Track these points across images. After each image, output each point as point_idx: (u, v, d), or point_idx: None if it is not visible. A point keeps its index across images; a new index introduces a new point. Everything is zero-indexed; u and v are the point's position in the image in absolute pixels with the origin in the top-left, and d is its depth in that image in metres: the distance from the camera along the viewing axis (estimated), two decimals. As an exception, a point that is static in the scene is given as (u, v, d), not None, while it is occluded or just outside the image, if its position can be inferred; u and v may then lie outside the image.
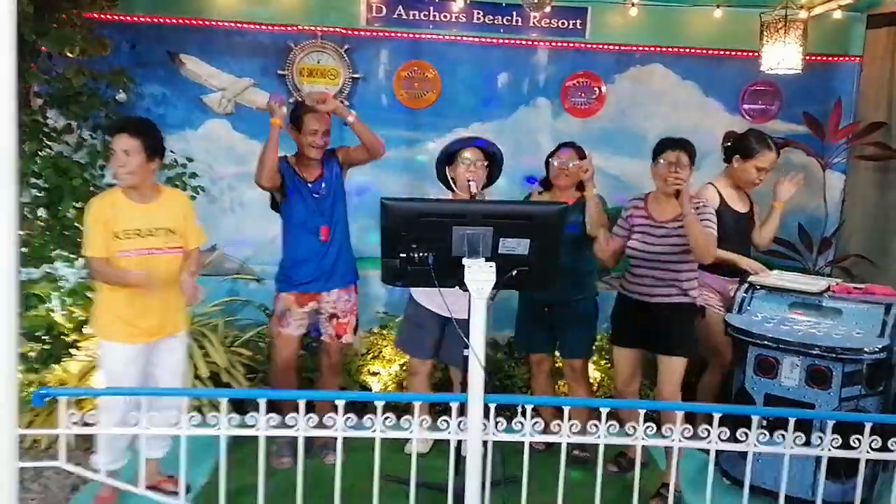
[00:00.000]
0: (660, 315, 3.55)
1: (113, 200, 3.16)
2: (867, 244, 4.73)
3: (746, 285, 3.82)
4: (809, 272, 4.54)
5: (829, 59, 4.82)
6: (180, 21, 4.63)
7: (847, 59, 4.89)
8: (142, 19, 4.60)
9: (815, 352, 3.43)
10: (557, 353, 4.05)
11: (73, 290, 4.17)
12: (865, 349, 3.37)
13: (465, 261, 2.39)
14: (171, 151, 4.41)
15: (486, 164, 3.72)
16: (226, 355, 4.13)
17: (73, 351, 4.09)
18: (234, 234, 4.77)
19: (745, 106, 4.98)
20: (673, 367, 3.53)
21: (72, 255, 4.05)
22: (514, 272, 2.48)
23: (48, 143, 4.12)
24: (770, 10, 4.07)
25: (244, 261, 4.82)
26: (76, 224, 3.98)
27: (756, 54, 4.69)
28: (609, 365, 4.60)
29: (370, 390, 4.55)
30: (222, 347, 4.17)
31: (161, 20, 4.62)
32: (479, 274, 2.28)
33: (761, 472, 3.52)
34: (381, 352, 4.66)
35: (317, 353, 4.52)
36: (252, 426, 2.44)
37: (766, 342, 3.55)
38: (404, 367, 4.55)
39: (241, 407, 2.69)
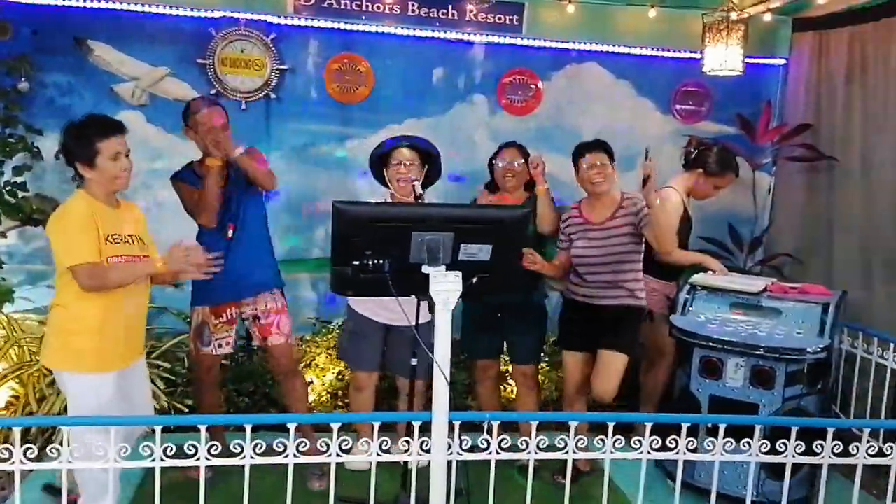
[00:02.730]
0: (606, 317, 3.52)
1: (91, 204, 2.77)
2: (795, 244, 4.83)
3: (688, 286, 3.81)
4: (743, 271, 4.59)
5: (757, 61, 4.88)
6: (88, 5, 4.24)
7: (773, 59, 4.98)
8: (45, 1, 4.19)
9: (758, 352, 3.45)
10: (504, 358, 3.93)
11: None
12: (808, 349, 3.40)
13: (425, 268, 2.23)
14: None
15: (422, 164, 3.55)
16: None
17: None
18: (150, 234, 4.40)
19: (677, 106, 5.00)
20: (612, 361, 3.51)
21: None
22: (475, 279, 2.35)
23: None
24: (709, 12, 4.08)
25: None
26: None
27: (688, 55, 4.75)
28: (549, 368, 4.53)
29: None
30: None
31: (67, 3, 4.21)
32: (445, 283, 2.12)
33: (703, 473, 3.53)
34: (313, 360, 4.42)
35: (242, 363, 4.29)
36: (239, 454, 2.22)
37: (710, 343, 3.55)
38: (339, 377, 4.34)
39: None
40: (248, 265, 3.49)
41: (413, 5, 4.55)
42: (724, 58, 3.88)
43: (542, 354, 4.03)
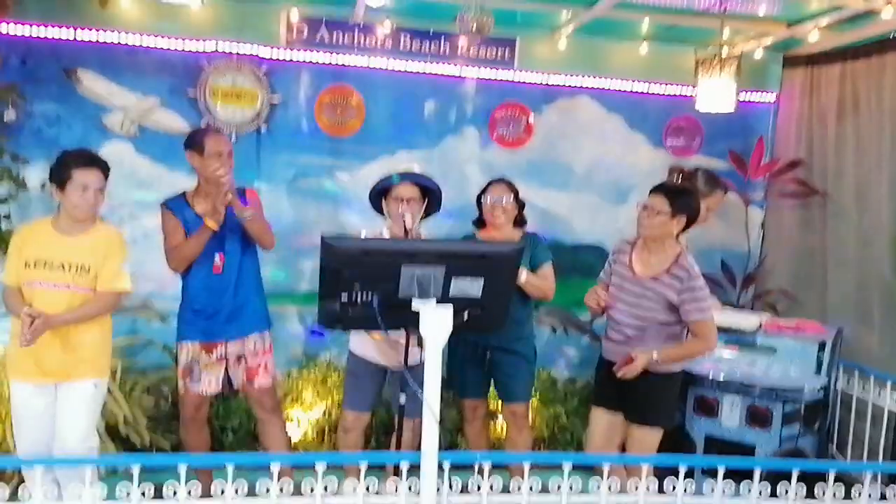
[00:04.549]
0: (637, 384, 3.10)
1: (37, 229, 3.06)
2: (789, 279, 4.79)
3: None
4: (736, 307, 4.54)
5: (748, 97, 4.89)
6: (77, 36, 4.20)
7: (763, 94, 4.99)
8: (34, 33, 4.15)
9: (755, 392, 3.39)
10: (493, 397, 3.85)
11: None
12: (805, 388, 3.36)
13: (415, 303, 2.16)
14: (67, 176, 4.00)
15: (422, 198, 3.49)
16: (126, 404, 3.70)
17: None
18: (135, 266, 4.20)
19: (669, 141, 5.00)
20: (643, 438, 3.17)
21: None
22: (466, 315, 2.29)
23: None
24: (701, 48, 4.08)
25: (146, 297, 4.37)
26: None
27: (680, 91, 4.76)
28: (540, 405, 4.45)
29: (289, 439, 4.20)
30: (122, 395, 3.74)
31: (56, 35, 4.17)
32: (436, 318, 2.06)
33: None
34: (300, 395, 4.32)
35: (227, 398, 4.18)
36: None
37: (706, 382, 3.49)
38: (326, 413, 4.24)
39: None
40: (241, 303, 3.43)
41: (405, 39, 4.55)
42: (716, 94, 3.86)
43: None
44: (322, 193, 4.62)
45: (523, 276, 3.38)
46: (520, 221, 3.67)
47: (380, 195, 3.51)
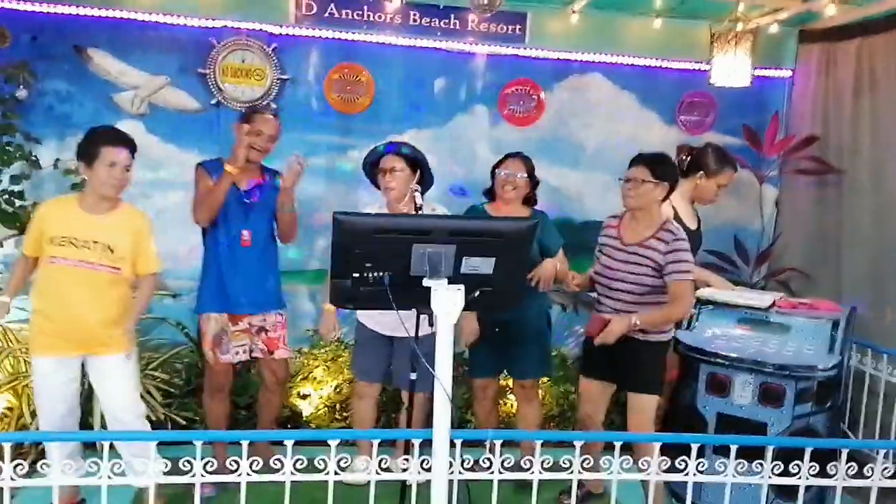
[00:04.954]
0: (627, 350, 3.21)
1: (62, 205, 3.08)
2: (803, 258, 4.76)
3: (695, 301, 3.74)
4: (749, 286, 4.51)
5: (762, 72, 4.83)
6: (87, 13, 4.20)
7: (779, 70, 4.92)
8: (45, 9, 4.14)
9: (767, 369, 3.37)
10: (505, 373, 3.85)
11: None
12: (819, 366, 3.33)
13: (426, 281, 2.16)
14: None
15: (412, 170, 3.49)
16: (141, 380, 3.73)
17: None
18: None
19: (682, 117, 4.95)
20: (641, 405, 3.28)
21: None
22: (477, 293, 2.28)
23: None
24: (716, 23, 4.02)
25: (159, 274, 4.38)
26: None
27: (693, 66, 4.70)
28: (551, 384, 4.45)
29: (300, 415, 4.24)
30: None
31: (66, 11, 4.17)
32: (447, 297, 2.05)
33: (710, 493, 3.44)
34: (311, 373, 4.34)
35: (240, 374, 4.20)
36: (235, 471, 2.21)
37: (718, 360, 3.47)
38: (338, 390, 4.27)
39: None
40: (263, 278, 3.56)
41: (414, 15, 4.51)
42: (731, 69, 3.80)
43: (548, 369, 3.91)
44: (332, 171, 4.61)
45: (557, 265, 3.47)
46: (530, 200, 3.65)
47: (374, 168, 3.52)
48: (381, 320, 3.52)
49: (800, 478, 2.49)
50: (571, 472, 2.27)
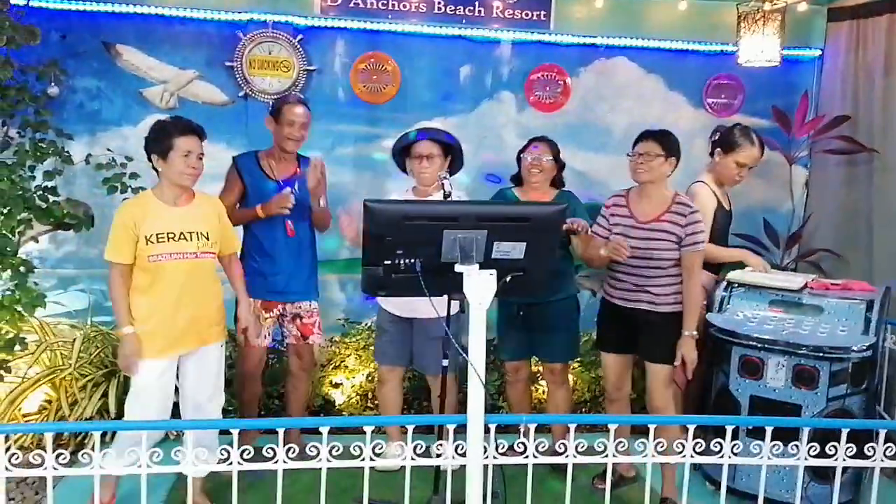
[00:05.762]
0: (643, 323, 3.35)
1: (144, 203, 3.02)
2: (834, 239, 4.70)
3: (725, 283, 3.72)
4: (780, 268, 4.47)
5: (791, 52, 4.76)
6: (115, 9, 4.25)
7: (808, 50, 4.85)
8: (73, 6, 4.20)
9: (801, 351, 3.35)
10: (536, 358, 3.86)
11: (-1, 305, 3.77)
12: (853, 348, 3.30)
13: (458, 267, 2.18)
14: (109, 150, 4.10)
15: (444, 156, 3.52)
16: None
17: (0, 372, 3.69)
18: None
19: (709, 100, 4.90)
20: (658, 374, 3.36)
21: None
22: (509, 278, 2.29)
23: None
24: (744, 2, 3.97)
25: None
26: (3, 233, 3.61)
27: (720, 48, 4.65)
28: (582, 369, 4.45)
29: (333, 403, 4.29)
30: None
31: (95, 8, 4.23)
32: (479, 282, 2.07)
33: (744, 476, 3.44)
34: (343, 361, 4.39)
35: (272, 364, 4.25)
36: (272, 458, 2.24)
37: (751, 342, 3.45)
38: (370, 378, 4.31)
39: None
40: (302, 268, 3.64)
41: (439, 3, 4.50)
42: (760, 48, 3.76)
43: (577, 353, 3.92)
44: (360, 161, 4.64)
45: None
46: (558, 182, 3.65)
47: (402, 154, 3.54)
48: (398, 303, 3.54)
49: (836, 459, 2.47)
50: (606, 456, 2.27)
